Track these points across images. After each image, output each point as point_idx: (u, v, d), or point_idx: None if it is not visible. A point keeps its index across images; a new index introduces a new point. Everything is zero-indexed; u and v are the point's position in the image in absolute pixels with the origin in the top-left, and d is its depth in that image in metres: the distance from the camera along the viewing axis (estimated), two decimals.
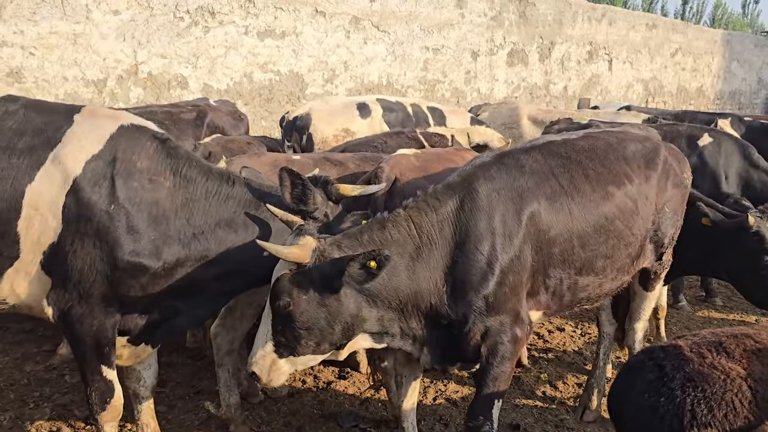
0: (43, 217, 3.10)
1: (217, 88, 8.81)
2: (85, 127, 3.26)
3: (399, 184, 4.03)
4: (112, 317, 3.30)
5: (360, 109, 6.91)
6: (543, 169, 3.58)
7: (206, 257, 3.35)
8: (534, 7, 12.84)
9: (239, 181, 3.48)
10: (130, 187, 3.18)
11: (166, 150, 3.38)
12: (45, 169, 3.11)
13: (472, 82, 12.05)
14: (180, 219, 3.29)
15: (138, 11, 8.10)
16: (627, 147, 3.99)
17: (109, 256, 3.15)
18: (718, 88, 18.62)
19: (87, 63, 7.85)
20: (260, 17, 9.08)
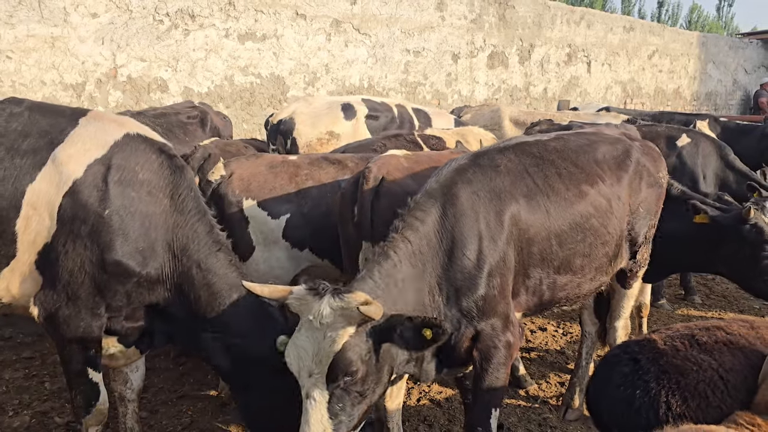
0: (40, 216, 3.13)
1: (198, 91, 8.77)
2: (90, 131, 3.29)
3: (386, 183, 4.04)
4: (99, 320, 3.30)
5: (345, 110, 6.88)
6: (518, 168, 3.61)
7: (180, 291, 3.37)
8: (513, 10, 12.93)
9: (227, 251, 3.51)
10: (128, 196, 3.22)
11: (171, 167, 3.41)
12: (46, 169, 3.14)
13: (452, 84, 12.11)
14: (167, 240, 3.33)
15: (117, 14, 8.04)
16: (598, 149, 4.06)
17: (98, 259, 3.17)
18: (694, 89, 18.84)
19: (65, 66, 7.78)
20: (241, 20, 9.05)
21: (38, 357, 5.54)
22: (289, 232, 4.56)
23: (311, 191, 4.70)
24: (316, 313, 2.71)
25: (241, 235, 4.43)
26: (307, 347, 2.72)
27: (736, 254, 4.80)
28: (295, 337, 2.78)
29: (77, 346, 3.31)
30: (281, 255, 4.61)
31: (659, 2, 37.77)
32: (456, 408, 4.83)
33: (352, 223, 4.10)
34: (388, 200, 4.01)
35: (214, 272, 3.37)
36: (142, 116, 6.83)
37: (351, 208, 4.13)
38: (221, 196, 4.54)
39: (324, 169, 4.87)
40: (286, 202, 4.60)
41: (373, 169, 4.11)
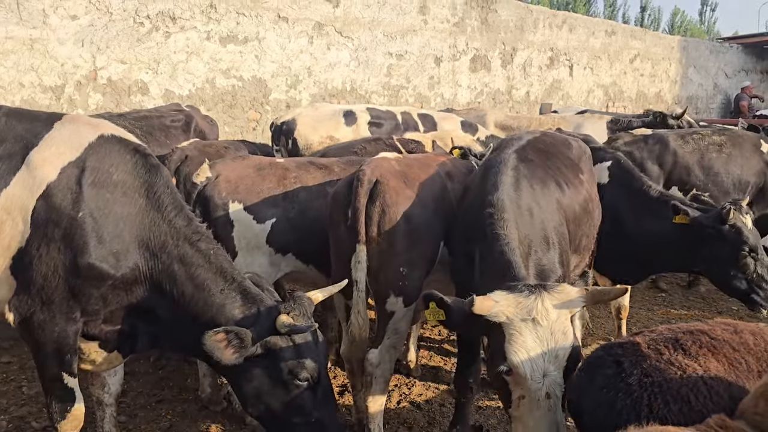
0: (14, 221, 3.09)
1: (179, 93, 8.72)
2: (64, 134, 3.25)
3: (380, 187, 4.04)
4: (74, 324, 3.24)
5: (346, 117, 7.00)
6: (541, 160, 4.24)
7: (162, 290, 3.28)
8: (496, 14, 12.98)
9: (207, 239, 3.41)
10: (102, 198, 3.17)
11: (146, 167, 3.36)
12: (20, 174, 3.11)
13: (435, 87, 12.13)
14: (144, 240, 3.26)
15: (97, 16, 7.97)
16: (572, 146, 4.83)
17: (71, 262, 3.12)
18: (675, 93, 19.01)
19: (44, 69, 7.70)
20: (222, 23, 9.02)
21: (16, 362, 5.46)
22: (274, 237, 4.53)
23: (299, 195, 4.68)
24: (541, 312, 2.74)
25: (225, 238, 4.36)
26: (536, 348, 2.71)
27: (715, 254, 4.86)
28: (518, 342, 2.73)
29: (52, 351, 3.25)
30: (263, 261, 4.57)
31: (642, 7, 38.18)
32: (435, 410, 4.83)
33: (345, 225, 4.09)
34: (381, 203, 4.02)
35: (197, 264, 3.28)
36: (123, 119, 6.76)
37: (344, 210, 4.12)
38: (207, 198, 4.48)
39: (311, 173, 4.86)
40: (273, 206, 4.56)
41: (367, 172, 4.11)
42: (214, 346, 3.00)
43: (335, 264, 4.28)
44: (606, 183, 5.50)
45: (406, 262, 4.05)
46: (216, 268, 3.31)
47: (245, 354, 3.05)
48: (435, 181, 4.49)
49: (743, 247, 4.73)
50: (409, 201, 4.18)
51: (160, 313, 3.33)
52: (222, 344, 3.01)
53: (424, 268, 4.15)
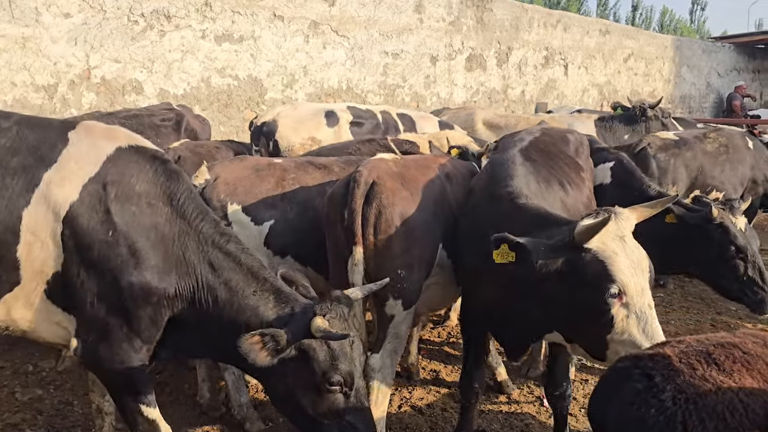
0: (43, 244, 2.97)
1: (174, 93, 8.63)
2: (81, 148, 3.13)
3: (376, 188, 3.98)
4: (138, 353, 3.14)
5: (328, 117, 6.87)
6: (544, 160, 4.33)
7: (191, 299, 3.18)
8: (491, 13, 12.95)
9: (236, 241, 3.32)
10: (128, 212, 3.06)
11: (166, 173, 3.26)
12: (40, 192, 2.98)
13: (431, 86, 12.08)
14: (176, 249, 3.16)
15: (90, 14, 7.88)
16: (570, 142, 4.94)
17: (114, 286, 3.01)
18: (669, 92, 19.03)
19: (37, 67, 7.60)
20: (217, 21, 8.93)
21: (9, 367, 5.37)
22: (272, 239, 4.47)
23: (297, 196, 4.62)
24: (624, 230, 3.16)
25: None
26: (631, 264, 3.05)
27: (705, 254, 4.85)
28: (620, 262, 3.02)
29: (123, 384, 3.16)
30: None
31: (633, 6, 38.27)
32: (437, 415, 4.78)
33: (341, 226, 4.03)
34: (377, 205, 3.97)
35: (228, 268, 3.18)
36: (113, 117, 6.69)
37: (340, 211, 4.06)
38: (206, 200, 4.38)
39: (310, 173, 4.80)
40: (272, 208, 4.50)
41: (364, 173, 4.05)
42: (249, 348, 2.90)
43: (332, 266, 4.23)
44: (608, 183, 5.49)
45: (404, 264, 4.00)
46: (247, 269, 3.22)
47: (279, 356, 2.97)
48: (433, 182, 4.44)
49: (729, 247, 4.71)
50: (406, 202, 4.12)
51: (189, 320, 3.22)
52: (257, 346, 2.92)
53: (422, 270, 4.09)
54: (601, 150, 5.77)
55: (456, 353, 5.84)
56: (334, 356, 3.03)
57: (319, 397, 3.07)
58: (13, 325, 3.14)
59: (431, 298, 4.41)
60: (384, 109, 7.41)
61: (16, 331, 3.20)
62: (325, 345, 3.03)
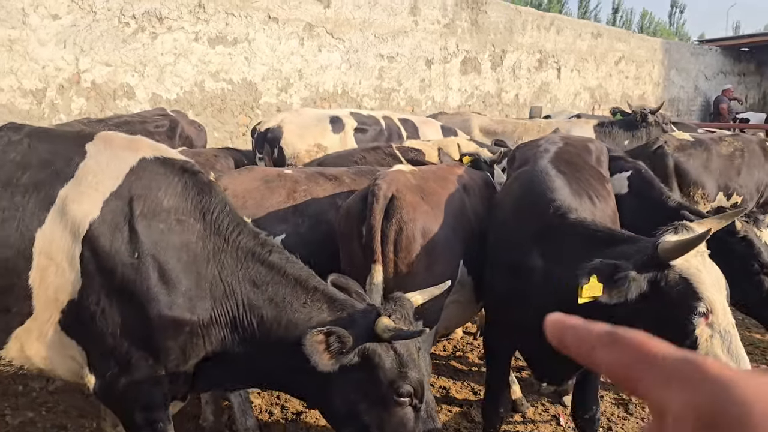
0: (59, 268, 2.66)
1: (167, 97, 8.35)
2: (101, 161, 2.82)
3: (396, 202, 3.78)
4: (161, 388, 2.84)
5: (333, 123, 6.67)
6: (571, 171, 4.13)
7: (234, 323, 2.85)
8: (485, 15, 12.79)
9: (279, 251, 3.00)
10: (156, 230, 2.75)
11: (197, 186, 2.95)
12: (56, 210, 2.67)
13: (426, 90, 11.90)
14: (210, 269, 2.83)
15: (80, 15, 7.58)
16: (592, 151, 4.84)
17: (140, 314, 2.69)
18: (658, 95, 19.04)
19: (24, 71, 7.28)
20: (211, 23, 8.67)
21: None
22: None
23: (309, 209, 4.47)
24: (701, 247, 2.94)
25: None
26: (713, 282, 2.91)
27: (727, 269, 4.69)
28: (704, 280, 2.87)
29: (142, 423, 2.86)
30: None
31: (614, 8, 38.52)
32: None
33: (359, 243, 3.83)
34: (398, 220, 3.78)
35: (272, 282, 2.86)
36: (104, 124, 6.45)
37: (358, 227, 3.86)
38: None
39: (321, 185, 4.66)
40: (283, 221, 4.33)
41: (383, 186, 3.85)
42: (313, 348, 2.58)
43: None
44: (625, 194, 5.33)
45: (425, 283, 3.79)
46: (294, 280, 2.89)
47: (342, 361, 2.65)
48: (453, 195, 4.27)
49: (753, 262, 4.55)
50: (427, 217, 3.95)
51: (229, 347, 2.91)
52: (321, 347, 2.62)
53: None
54: (617, 158, 5.61)
55: (464, 368, 5.65)
56: (402, 362, 2.71)
57: (386, 412, 2.73)
58: (27, 364, 2.85)
59: (450, 316, 4.23)
60: (386, 115, 7.24)
61: (32, 370, 2.91)
62: (391, 350, 2.72)
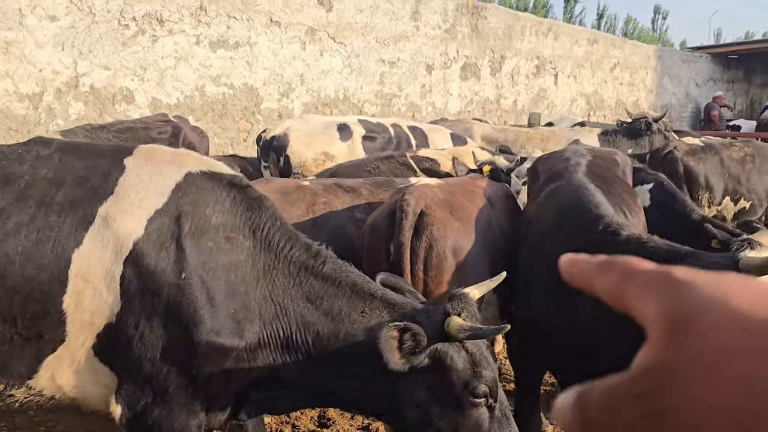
0: (96, 291, 2.47)
1: (167, 102, 8.11)
2: (143, 176, 2.64)
3: (426, 219, 3.61)
4: (196, 417, 2.65)
5: (341, 131, 6.48)
6: (603, 185, 4.04)
7: (286, 344, 2.67)
8: (485, 21, 12.68)
9: (332, 261, 2.81)
10: (204, 249, 2.58)
11: (246, 201, 2.78)
12: (95, 229, 2.49)
13: (427, 96, 11.75)
14: (261, 289, 2.65)
15: (78, 17, 7.33)
16: (618, 163, 4.72)
17: (185, 339, 2.51)
18: (651, 102, 19.07)
19: (20, 74, 7.02)
20: (212, 26, 8.44)
21: None
22: None
23: (329, 223, 4.36)
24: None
25: None
26: None
27: None
28: None
29: None
30: None
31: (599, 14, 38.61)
32: None
33: (387, 261, 3.66)
34: (428, 237, 3.61)
35: (328, 295, 2.69)
36: (106, 131, 6.26)
37: (385, 244, 3.69)
38: None
39: (340, 197, 4.53)
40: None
41: (411, 202, 3.68)
42: (388, 344, 2.44)
43: None
44: (647, 206, 5.24)
45: None
46: (349, 289, 2.71)
47: (413, 362, 2.49)
48: (481, 210, 4.13)
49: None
50: (457, 234, 3.80)
51: (281, 369, 2.72)
52: (395, 343, 2.47)
53: None
54: (638, 170, 5.53)
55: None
56: (475, 362, 2.57)
57: (461, 415, 2.58)
58: (59, 393, 2.66)
59: None
60: (395, 122, 7.07)
61: (63, 400, 2.72)
62: (463, 350, 2.58)
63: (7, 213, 2.45)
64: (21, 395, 2.65)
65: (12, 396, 2.66)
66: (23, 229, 2.43)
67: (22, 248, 2.41)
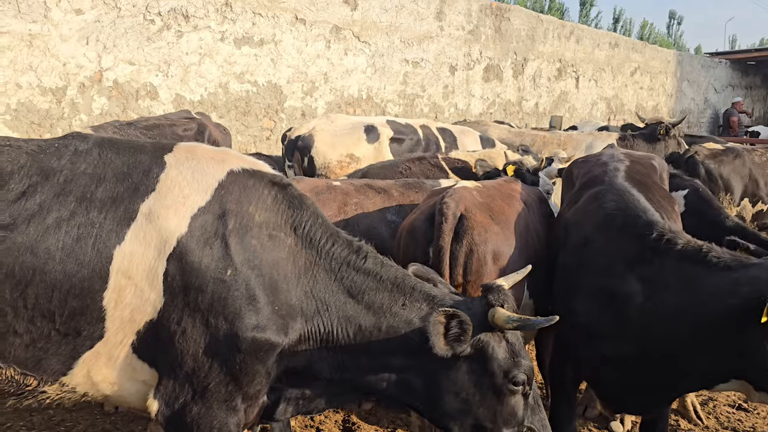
0: (137, 287, 2.46)
1: (190, 99, 8.04)
2: (185, 173, 2.63)
3: (466, 222, 3.51)
4: (235, 415, 2.63)
5: (368, 132, 6.37)
6: (642, 189, 3.91)
7: (327, 341, 2.70)
8: (509, 22, 12.56)
9: (373, 257, 2.85)
10: (248, 247, 2.58)
11: (287, 199, 2.78)
12: (137, 226, 2.47)
13: (449, 97, 11.63)
14: (302, 286, 2.67)
15: (104, 11, 7.26)
16: (656, 168, 4.64)
17: (228, 335, 2.51)
18: (671, 106, 18.92)
19: (44, 68, 6.95)
20: (237, 23, 8.36)
21: None
22: None
23: (361, 223, 4.35)
24: None
25: None
26: None
27: None
28: None
29: None
30: None
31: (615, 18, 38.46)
32: None
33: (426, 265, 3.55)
34: (468, 242, 3.52)
35: (369, 289, 2.74)
36: (132, 127, 6.19)
37: (423, 248, 3.62)
38: None
39: (371, 198, 4.49)
40: None
41: (451, 206, 3.60)
42: (436, 329, 2.54)
43: None
44: (682, 213, 5.12)
45: None
46: (390, 284, 2.76)
47: (457, 349, 2.58)
48: (519, 214, 4.05)
49: None
50: (497, 238, 3.72)
51: (322, 365, 2.75)
52: (441, 329, 2.55)
53: None
54: (673, 176, 5.42)
55: None
56: (515, 351, 2.69)
57: (500, 403, 2.69)
58: (93, 390, 2.63)
59: None
60: (423, 123, 6.96)
61: (96, 397, 2.68)
62: (503, 340, 2.69)
63: (47, 208, 2.42)
64: (53, 392, 2.61)
65: (44, 393, 2.60)
66: (63, 224, 2.41)
67: (62, 244, 2.39)
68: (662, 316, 3.00)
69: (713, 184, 6.84)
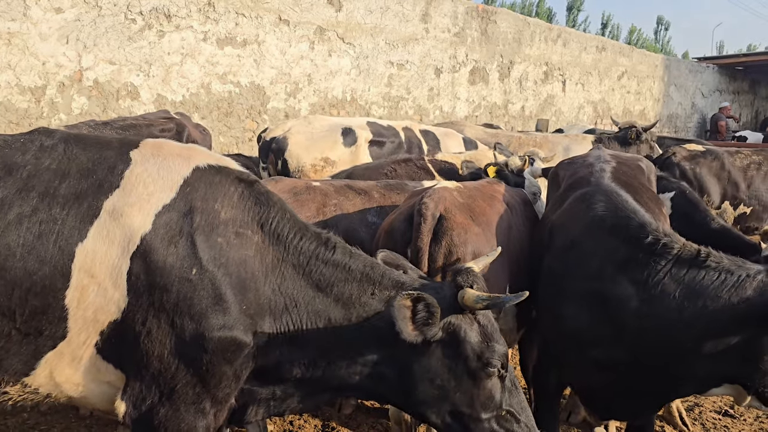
0: (101, 286, 2.40)
1: (172, 99, 7.94)
2: (151, 169, 2.56)
3: (445, 223, 3.45)
4: (204, 419, 2.57)
5: (345, 135, 6.24)
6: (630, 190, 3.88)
7: (297, 336, 2.63)
8: (495, 25, 12.54)
9: (342, 247, 2.79)
10: (214, 245, 2.52)
11: (254, 196, 2.72)
12: (101, 223, 2.40)
13: (435, 99, 11.58)
14: (270, 284, 2.61)
15: (84, 10, 7.16)
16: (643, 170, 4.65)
17: (194, 336, 2.44)
18: (658, 111, 18.97)
19: (23, 67, 6.85)
20: (220, 23, 8.28)
21: None
22: None
23: (340, 224, 4.24)
24: None
25: None
26: None
27: None
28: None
29: None
30: None
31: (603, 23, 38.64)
32: None
33: None
34: (447, 243, 3.45)
35: (338, 280, 2.68)
36: (109, 127, 6.09)
37: (403, 249, 3.54)
38: None
39: (351, 199, 4.40)
40: None
41: (430, 206, 3.53)
42: (401, 313, 2.47)
43: None
44: (669, 215, 5.09)
45: None
46: (359, 273, 2.70)
47: (427, 334, 2.52)
48: (501, 216, 3.98)
49: None
50: (478, 239, 3.65)
51: (292, 364, 2.68)
52: (408, 313, 2.49)
53: None
54: (660, 178, 5.39)
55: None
56: (487, 334, 2.64)
57: (476, 387, 2.64)
58: (56, 391, 2.56)
59: None
60: (406, 126, 6.87)
61: (60, 398, 2.61)
62: (475, 323, 2.64)
63: (8, 203, 2.35)
64: (15, 393, 2.55)
65: (6, 393, 2.54)
66: (25, 220, 2.34)
67: (23, 240, 2.32)
68: (661, 320, 2.95)
69: (690, 185, 6.85)
